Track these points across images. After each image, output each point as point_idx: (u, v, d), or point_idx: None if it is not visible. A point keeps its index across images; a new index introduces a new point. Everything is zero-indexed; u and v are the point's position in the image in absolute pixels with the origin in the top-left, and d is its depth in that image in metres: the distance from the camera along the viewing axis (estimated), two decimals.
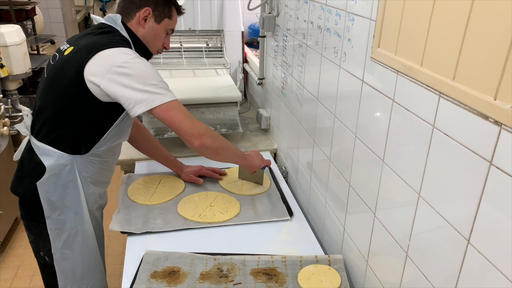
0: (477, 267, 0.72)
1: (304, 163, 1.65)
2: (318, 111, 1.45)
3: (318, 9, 1.37)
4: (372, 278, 1.13)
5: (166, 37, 1.45)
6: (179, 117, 1.27)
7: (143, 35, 1.39)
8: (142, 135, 1.67)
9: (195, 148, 1.31)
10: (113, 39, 1.31)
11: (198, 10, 2.35)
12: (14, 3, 3.77)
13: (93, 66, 1.23)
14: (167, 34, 1.44)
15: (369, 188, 1.11)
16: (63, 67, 1.28)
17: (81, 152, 1.35)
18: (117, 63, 1.23)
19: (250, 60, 2.47)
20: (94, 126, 1.34)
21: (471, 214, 0.72)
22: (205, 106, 1.98)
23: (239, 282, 1.20)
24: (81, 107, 1.29)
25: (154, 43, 1.42)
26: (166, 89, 1.28)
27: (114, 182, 1.94)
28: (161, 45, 1.45)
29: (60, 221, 1.38)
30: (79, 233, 1.41)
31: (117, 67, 1.22)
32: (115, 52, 1.25)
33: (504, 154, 0.65)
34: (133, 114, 1.25)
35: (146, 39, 1.40)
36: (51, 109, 1.32)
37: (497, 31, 0.64)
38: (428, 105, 0.83)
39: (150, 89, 1.24)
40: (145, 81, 1.24)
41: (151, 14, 1.36)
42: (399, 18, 0.90)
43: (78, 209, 1.39)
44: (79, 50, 1.27)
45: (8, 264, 2.53)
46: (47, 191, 1.33)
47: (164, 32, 1.42)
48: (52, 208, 1.35)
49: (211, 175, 1.72)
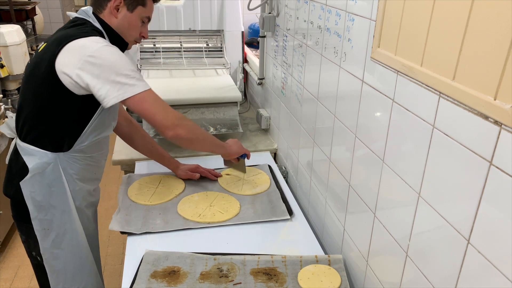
0: (477, 267, 0.72)
1: (304, 163, 1.65)
2: (318, 111, 1.45)
3: (318, 9, 1.37)
4: (372, 278, 1.13)
5: (143, 26, 1.41)
6: (152, 109, 1.27)
7: (117, 25, 1.36)
8: (138, 134, 1.67)
9: (169, 138, 1.31)
10: (83, 29, 1.28)
11: (198, 10, 2.35)
12: (14, 3, 3.77)
13: (63, 58, 1.22)
14: (144, 23, 1.41)
15: (369, 188, 1.11)
16: (37, 64, 1.28)
17: (64, 149, 1.34)
18: (88, 52, 1.21)
19: (250, 60, 2.47)
20: (73, 121, 1.32)
21: (471, 214, 0.72)
22: (205, 106, 1.98)
23: (239, 282, 1.20)
24: (57, 102, 1.28)
25: (130, 33, 1.39)
26: (138, 79, 1.26)
27: (114, 182, 1.95)
28: (138, 34, 1.42)
29: (47, 221, 1.37)
30: (67, 232, 1.40)
31: (87, 57, 1.20)
32: (85, 41, 1.23)
33: (504, 154, 0.65)
34: (105, 105, 1.23)
35: (121, 29, 1.37)
36: (29, 107, 1.32)
37: (497, 31, 0.64)
38: (428, 105, 0.83)
39: (122, 79, 1.22)
40: (116, 71, 1.22)
41: (122, 3, 1.33)
42: (399, 18, 0.90)
43: (65, 208, 1.38)
44: (51, 44, 1.27)
45: (8, 264, 2.53)
46: (32, 191, 1.33)
47: (139, 21, 1.38)
48: (38, 208, 1.35)
49: (206, 175, 1.72)
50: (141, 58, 2.29)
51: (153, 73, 2.28)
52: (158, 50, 2.34)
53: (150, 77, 2.22)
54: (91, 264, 1.50)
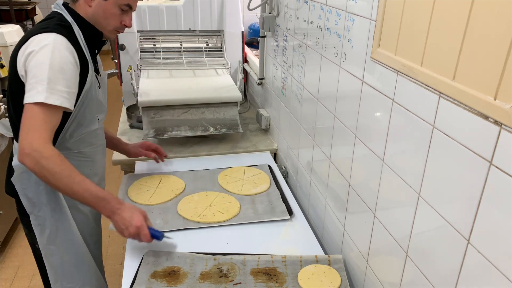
0: (477, 267, 0.72)
1: (304, 163, 1.65)
2: (318, 111, 1.45)
3: (318, 9, 1.37)
4: (372, 278, 1.13)
5: (125, 15, 1.35)
6: (25, 124, 1.16)
7: (92, 14, 1.31)
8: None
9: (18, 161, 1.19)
10: (44, 25, 1.25)
11: (198, 10, 2.35)
12: (14, 3, 3.77)
13: (19, 56, 1.21)
14: (123, 11, 1.33)
15: (369, 188, 1.11)
16: (11, 63, 1.27)
17: None
18: (28, 50, 1.19)
19: (250, 60, 2.47)
20: None
21: (471, 214, 0.72)
22: (205, 106, 1.98)
23: (239, 282, 1.20)
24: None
25: (107, 22, 1.33)
26: (50, 91, 1.15)
27: (114, 182, 1.95)
28: (119, 23, 1.35)
29: (41, 218, 1.36)
30: (60, 229, 1.38)
31: (27, 54, 1.19)
32: (34, 40, 1.20)
33: (504, 154, 0.65)
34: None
35: (96, 18, 1.32)
36: (11, 106, 1.31)
37: (497, 31, 0.64)
38: (428, 105, 0.83)
39: (34, 84, 1.16)
40: (35, 73, 1.17)
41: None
42: (399, 18, 0.90)
43: (55, 206, 1.36)
44: (18, 43, 1.26)
45: (8, 264, 2.53)
46: (23, 188, 1.33)
47: (116, 8, 1.31)
48: (31, 204, 1.34)
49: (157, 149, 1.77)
50: (141, 58, 2.29)
51: (153, 73, 2.28)
52: (158, 50, 2.34)
53: (150, 77, 2.22)
54: (89, 263, 1.48)
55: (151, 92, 1.98)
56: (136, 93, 2.00)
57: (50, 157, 1.15)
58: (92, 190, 1.19)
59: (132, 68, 2.26)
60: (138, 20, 2.29)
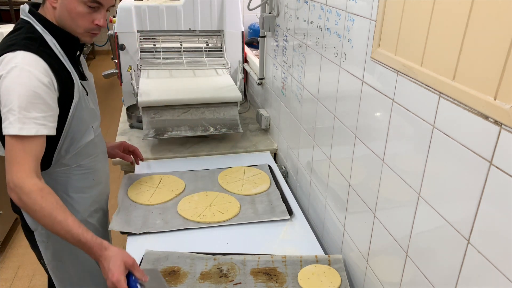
0: (477, 267, 0.72)
1: (304, 163, 1.65)
2: (318, 111, 1.45)
3: (318, 9, 1.37)
4: (372, 278, 1.13)
5: (96, 13, 1.19)
6: (7, 157, 1.09)
7: (59, 16, 1.18)
8: None
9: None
10: (12, 40, 1.14)
11: (198, 10, 2.35)
12: (14, 3, 3.78)
13: None
14: (92, 8, 1.18)
15: (369, 188, 1.11)
16: None
17: (44, 168, 1.23)
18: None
19: (250, 60, 2.47)
20: None
21: (471, 214, 0.72)
22: (205, 106, 1.98)
23: (239, 282, 1.20)
24: None
25: (76, 23, 1.18)
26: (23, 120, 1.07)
27: (114, 182, 1.94)
28: (90, 23, 1.20)
29: (44, 234, 1.32)
30: (64, 245, 1.28)
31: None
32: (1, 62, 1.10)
33: (504, 154, 0.65)
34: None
35: (64, 20, 1.19)
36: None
37: (497, 31, 0.64)
38: (428, 105, 0.83)
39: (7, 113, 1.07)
40: (5, 101, 1.07)
41: None
42: (399, 18, 0.90)
43: None
44: None
45: (8, 264, 2.53)
46: None
47: (82, 6, 1.17)
48: (35, 221, 1.24)
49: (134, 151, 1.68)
50: (141, 58, 2.29)
51: (153, 73, 2.28)
52: (158, 50, 2.34)
53: (150, 77, 2.22)
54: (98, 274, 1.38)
55: (151, 92, 1.98)
56: (136, 93, 2.00)
57: (30, 193, 1.07)
58: (74, 233, 1.09)
59: (132, 68, 2.26)
60: (138, 20, 2.29)
